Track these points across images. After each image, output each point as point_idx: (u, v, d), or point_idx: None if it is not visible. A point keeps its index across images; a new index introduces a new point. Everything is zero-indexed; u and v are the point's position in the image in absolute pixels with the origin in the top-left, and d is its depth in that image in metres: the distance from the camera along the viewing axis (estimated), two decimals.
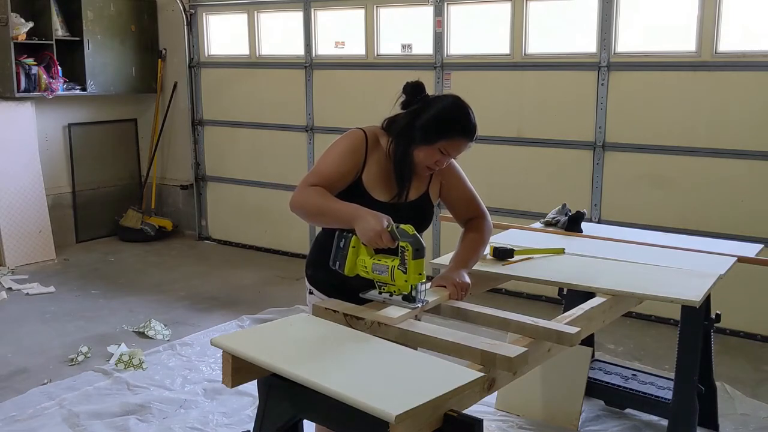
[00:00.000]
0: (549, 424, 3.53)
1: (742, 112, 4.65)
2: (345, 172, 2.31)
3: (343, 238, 2.20)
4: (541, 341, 2.10)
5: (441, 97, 2.34)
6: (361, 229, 2.13)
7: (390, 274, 2.12)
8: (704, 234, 4.20)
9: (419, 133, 2.28)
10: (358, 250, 2.19)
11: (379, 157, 2.35)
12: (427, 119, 2.27)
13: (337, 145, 2.36)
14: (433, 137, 2.27)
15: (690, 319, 2.97)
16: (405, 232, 2.09)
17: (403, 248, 2.08)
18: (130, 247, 7.02)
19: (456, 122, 2.28)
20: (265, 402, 1.96)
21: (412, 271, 2.09)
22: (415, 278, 2.10)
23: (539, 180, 5.40)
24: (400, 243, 2.09)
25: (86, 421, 3.53)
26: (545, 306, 5.25)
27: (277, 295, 5.54)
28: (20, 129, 6.41)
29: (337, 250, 2.22)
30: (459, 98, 2.35)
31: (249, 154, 6.93)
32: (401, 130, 2.32)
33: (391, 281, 2.13)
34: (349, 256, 2.19)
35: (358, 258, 2.19)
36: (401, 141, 2.31)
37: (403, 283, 2.11)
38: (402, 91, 2.37)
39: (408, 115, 2.32)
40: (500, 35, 5.45)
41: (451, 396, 1.68)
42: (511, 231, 3.53)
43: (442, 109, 2.29)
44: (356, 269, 2.20)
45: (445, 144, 2.28)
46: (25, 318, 5.05)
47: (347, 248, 2.19)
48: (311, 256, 2.52)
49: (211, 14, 7.06)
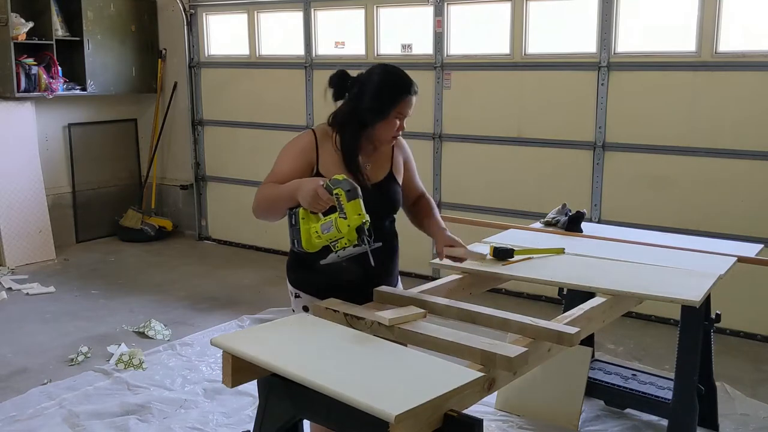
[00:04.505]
0: (549, 424, 3.53)
1: (742, 112, 4.65)
2: (297, 169, 2.37)
3: (292, 215, 2.22)
4: (541, 341, 2.10)
5: (369, 72, 2.41)
6: (302, 196, 2.17)
7: (335, 227, 2.12)
8: (704, 234, 4.19)
9: (370, 113, 2.35)
10: (309, 220, 2.20)
11: (330, 148, 2.41)
12: (371, 97, 2.35)
13: (288, 146, 2.46)
14: (385, 109, 2.35)
15: (690, 319, 2.97)
16: (336, 180, 2.12)
17: (337, 195, 2.10)
18: (130, 247, 7.02)
19: (396, 85, 2.36)
20: (265, 402, 1.97)
21: (351, 213, 2.08)
22: (355, 219, 2.09)
23: (539, 180, 5.40)
24: (334, 191, 2.10)
25: (86, 421, 3.53)
26: (545, 306, 5.25)
27: (277, 295, 5.54)
28: (20, 129, 6.42)
29: (291, 228, 2.23)
30: (385, 64, 2.45)
31: (249, 154, 6.93)
32: (345, 118, 2.39)
33: (339, 234, 2.12)
34: (302, 229, 2.20)
35: (310, 228, 2.19)
36: (348, 126, 2.38)
37: (347, 229, 2.10)
38: (329, 85, 2.43)
39: (349, 102, 2.40)
40: (500, 35, 5.45)
41: (451, 396, 1.68)
42: (511, 231, 3.53)
43: (378, 81, 2.37)
44: (312, 240, 2.20)
45: (397, 108, 2.36)
46: (25, 318, 5.06)
47: (298, 222, 2.20)
48: (293, 258, 2.54)
49: (211, 14, 7.06)
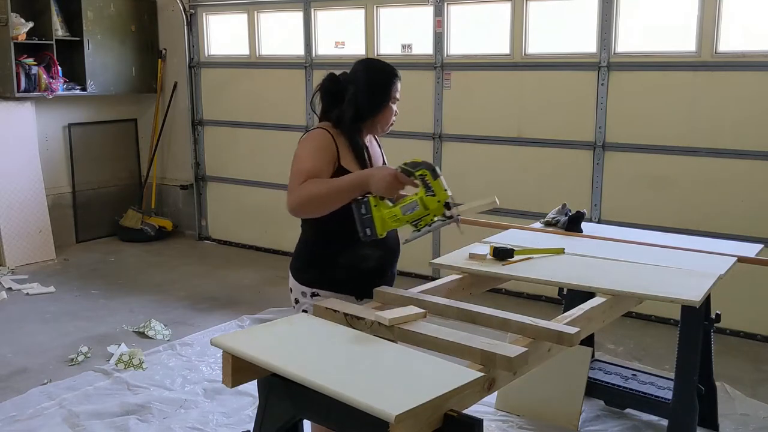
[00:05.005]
0: (549, 424, 3.53)
1: (742, 112, 4.65)
2: (322, 166, 2.39)
3: (362, 204, 2.27)
4: (541, 341, 2.10)
5: (355, 71, 2.50)
6: (378, 182, 2.24)
7: (421, 205, 2.23)
8: (704, 234, 4.20)
9: (370, 107, 2.44)
10: (381, 207, 2.27)
11: (343, 145, 2.45)
12: (367, 93, 2.44)
13: (309, 144, 2.45)
14: (383, 98, 2.46)
15: (690, 319, 2.97)
16: (414, 162, 2.22)
17: (422, 175, 2.21)
18: (130, 247, 7.02)
19: (384, 74, 2.48)
20: (265, 402, 1.97)
21: (439, 190, 2.21)
22: (443, 195, 2.22)
23: (539, 180, 5.40)
24: (417, 172, 2.20)
25: (86, 421, 3.53)
26: (545, 306, 5.25)
27: (277, 295, 5.54)
28: (20, 129, 6.41)
29: (361, 218, 2.27)
30: (366, 60, 2.59)
31: (249, 154, 6.93)
32: (352, 118, 2.44)
33: (425, 211, 2.23)
34: (375, 216, 2.26)
35: (384, 213, 2.26)
36: (356, 127, 2.45)
37: (436, 204, 2.22)
38: (322, 92, 2.50)
39: (350, 103, 2.44)
40: (500, 35, 5.45)
41: (451, 396, 1.68)
42: (511, 231, 3.53)
43: (367, 76, 2.46)
44: (387, 225, 2.27)
45: (391, 95, 2.47)
46: (25, 318, 5.05)
47: (369, 210, 2.26)
48: (303, 259, 2.55)
49: (211, 14, 7.06)
